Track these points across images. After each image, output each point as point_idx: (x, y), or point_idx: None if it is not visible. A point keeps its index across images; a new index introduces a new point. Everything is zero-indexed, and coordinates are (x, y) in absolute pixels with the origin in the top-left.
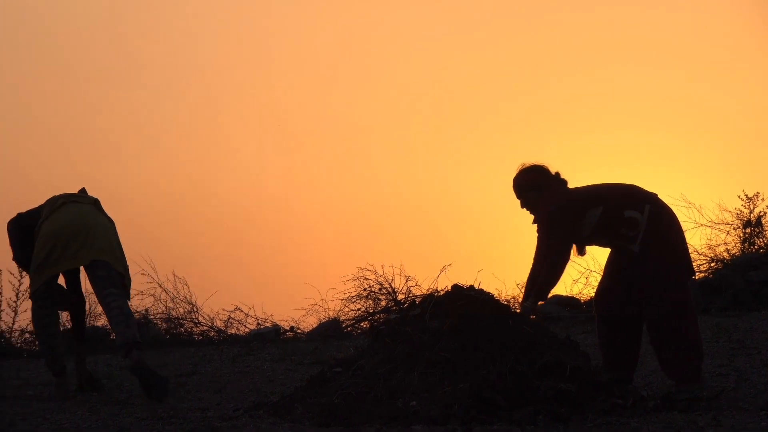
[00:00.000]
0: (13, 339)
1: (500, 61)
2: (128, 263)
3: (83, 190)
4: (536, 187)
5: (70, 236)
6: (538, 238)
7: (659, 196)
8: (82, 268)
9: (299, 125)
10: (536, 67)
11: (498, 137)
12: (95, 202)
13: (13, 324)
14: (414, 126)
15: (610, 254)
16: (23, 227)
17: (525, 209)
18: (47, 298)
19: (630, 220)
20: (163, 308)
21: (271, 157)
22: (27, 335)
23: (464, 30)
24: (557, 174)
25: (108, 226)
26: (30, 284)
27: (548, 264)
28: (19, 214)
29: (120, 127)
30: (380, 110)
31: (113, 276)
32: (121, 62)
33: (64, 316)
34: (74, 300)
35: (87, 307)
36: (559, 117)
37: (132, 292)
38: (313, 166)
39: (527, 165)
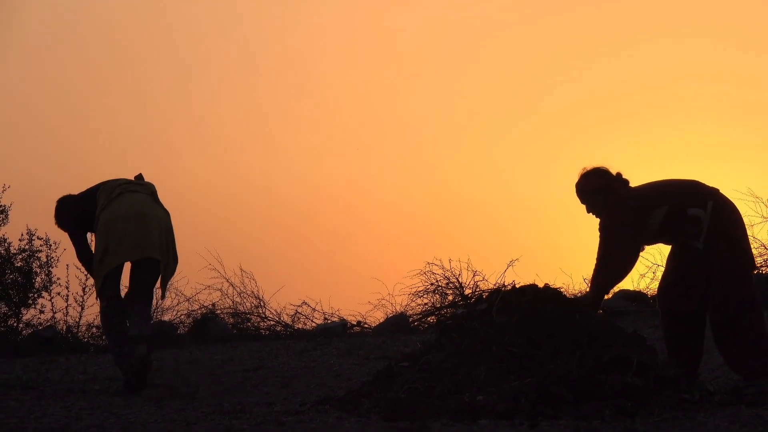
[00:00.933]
0: (79, 334)
1: (551, 49)
2: (182, 258)
3: (140, 177)
4: (599, 190)
5: (128, 227)
6: (605, 239)
7: (720, 191)
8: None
9: (363, 122)
10: (593, 56)
11: (562, 131)
12: (153, 192)
13: (80, 319)
14: (479, 122)
15: (673, 249)
16: (78, 215)
17: (591, 213)
18: (113, 297)
19: (693, 217)
20: (230, 303)
21: (337, 153)
22: (94, 330)
23: (508, 19)
24: (618, 174)
25: (163, 218)
26: (95, 281)
27: (615, 264)
28: (69, 196)
29: (191, 123)
30: (442, 106)
31: (152, 283)
32: (190, 59)
33: None
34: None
35: (154, 302)
36: (620, 109)
37: (193, 287)
38: (379, 162)
39: (588, 169)
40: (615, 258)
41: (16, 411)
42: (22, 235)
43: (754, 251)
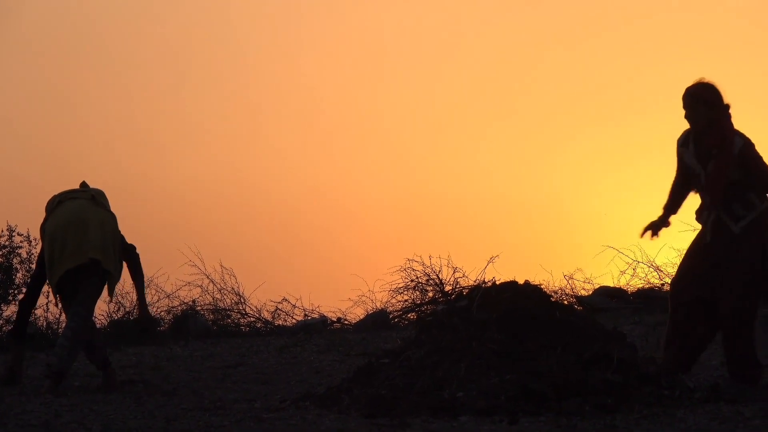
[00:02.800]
0: (59, 330)
1: (532, 47)
2: (163, 254)
3: (84, 184)
4: (713, 106)
5: (66, 235)
6: (727, 163)
7: None
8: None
9: (345, 120)
10: (571, 55)
11: (540, 130)
12: (93, 196)
13: (60, 315)
14: (460, 121)
15: (699, 237)
16: (42, 227)
17: (687, 119)
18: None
19: (749, 201)
20: (211, 299)
21: (319, 150)
22: None
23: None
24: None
25: (105, 220)
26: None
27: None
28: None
29: (174, 120)
30: (425, 106)
31: (93, 290)
32: (167, 61)
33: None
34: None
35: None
36: (598, 107)
37: (174, 284)
38: (361, 159)
39: (708, 81)
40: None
41: (5, 406)
42: (2, 231)
43: None
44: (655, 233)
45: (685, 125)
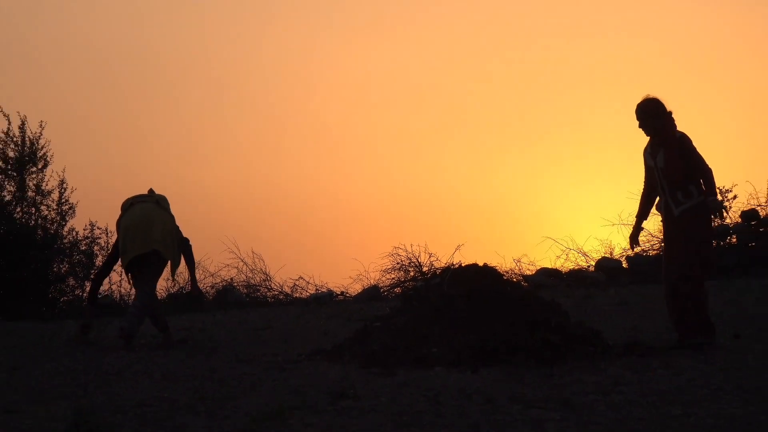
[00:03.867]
0: (129, 301)
1: (496, 52)
2: (207, 244)
3: (151, 190)
4: (658, 116)
5: (135, 231)
6: (675, 156)
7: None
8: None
9: (345, 136)
10: (526, 62)
11: (496, 144)
12: (157, 201)
13: (130, 289)
14: (435, 138)
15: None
16: (117, 224)
17: (641, 129)
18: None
19: (689, 191)
20: (244, 277)
21: (327, 162)
22: None
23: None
24: (671, 112)
25: (166, 220)
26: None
27: (707, 171)
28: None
29: (212, 142)
30: (420, 117)
31: (155, 273)
32: (212, 92)
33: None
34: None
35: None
36: (551, 111)
37: (216, 265)
38: (359, 168)
39: (652, 96)
40: (706, 167)
41: (81, 360)
42: (86, 225)
43: None
44: (635, 242)
45: (642, 135)
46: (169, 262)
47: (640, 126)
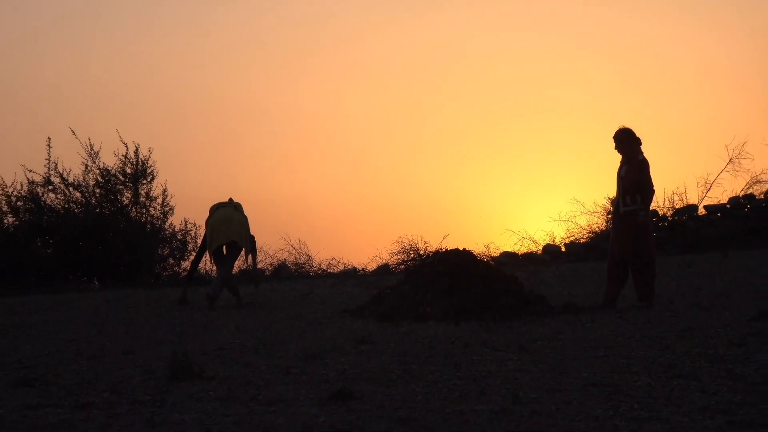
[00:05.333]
0: (213, 276)
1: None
2: (267, 235)
3: (230, 199)
4: (630, 140)
5: (220, 227)
6: (634, 173)
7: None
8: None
9: (368, 147)
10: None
11: (475, 152)
12: (235, 206)
13: (212, 267)
14: (432, 148)
15: (614, 215)
16: (206, 223)
17: (617, 150)
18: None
19: (633, 198)
20: (294, 258)
21: (352, 169)
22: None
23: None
24: (638, 137)
25: (241, 220)
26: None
27: (647, 189)
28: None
29: (270, 154)
30: (434, 126)
31: (232, 256)
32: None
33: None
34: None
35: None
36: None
37: (273, 249)
38: (376, 173)
39: (626, 126)
40: (650, 185)
41: (178, 317)
42: (181, 221)
43: None
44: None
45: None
46: (242, 249)
47: (615, 148)
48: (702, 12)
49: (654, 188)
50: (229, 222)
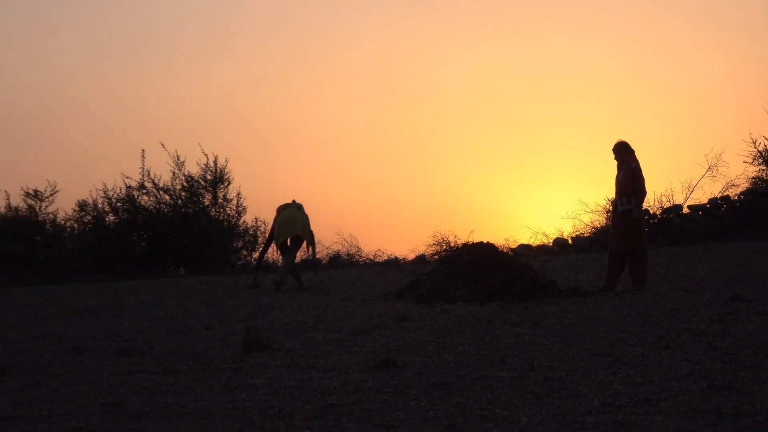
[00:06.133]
0: (278, 263)
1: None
2: (323, 231)
3: (294, 201)
4: (628, 151)
5: (286, 224)
6: (640, 179)
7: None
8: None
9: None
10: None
11: (502, 154)
12: (299, 207)
13: (279, 258)
14: (464, 158)
15: (613, 212)
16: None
17: (615, 158)
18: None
19: (629, 199)
20: (346, 250)
21: (394, 175)
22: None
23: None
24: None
25: (303, 218)
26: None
27: (640, 191)
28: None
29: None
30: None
31: (295, 248)
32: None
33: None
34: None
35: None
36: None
37: (329, 242)
38: (414, 180)
39: (623, 140)
40: (643, 187)
41: (250, 299)
42: (252, 219)
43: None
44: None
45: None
46: (304, 242)
47: (614, 158)
48: (689, 41)
49: (646, 190)
50: (293, 219)
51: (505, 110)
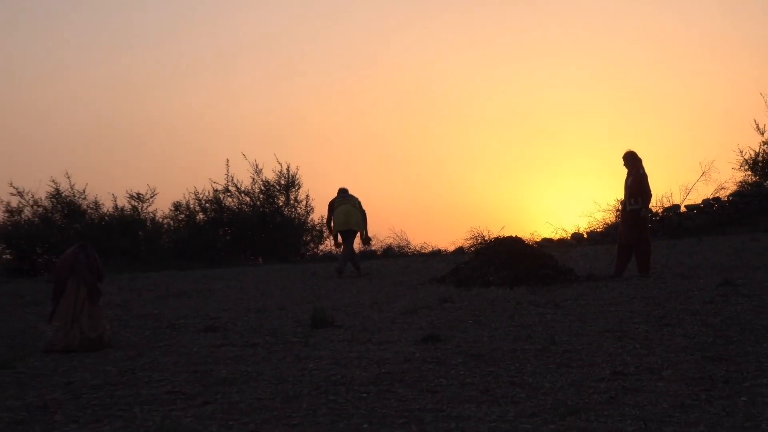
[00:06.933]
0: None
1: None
2: (377, 226)
3: (346, 189)
4: (636, 159)
5: (340, 217)
6: (647, 183)
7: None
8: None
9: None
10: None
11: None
12: (354, 204)
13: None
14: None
15: (622, 211)
16: (330, 206)
17: (624, 165)
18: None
19: (637, 199)
20: (397, 242)
21: (440, 179)
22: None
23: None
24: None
25: (357, 213)
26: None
27: (647, 194)
28: (331, 201)
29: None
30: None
31: (353, 238)
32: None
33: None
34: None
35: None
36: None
37: (383, 236)
38: (454, 182)
39: (632, 150)
40: (647, 191)
41: (316, 283)
42: (320, 217)
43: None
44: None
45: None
46: (358, 233)
47: (624, 165)
48: (689, 65)
49: (651, 193)
50: (348, 215)
51: (530, 125)
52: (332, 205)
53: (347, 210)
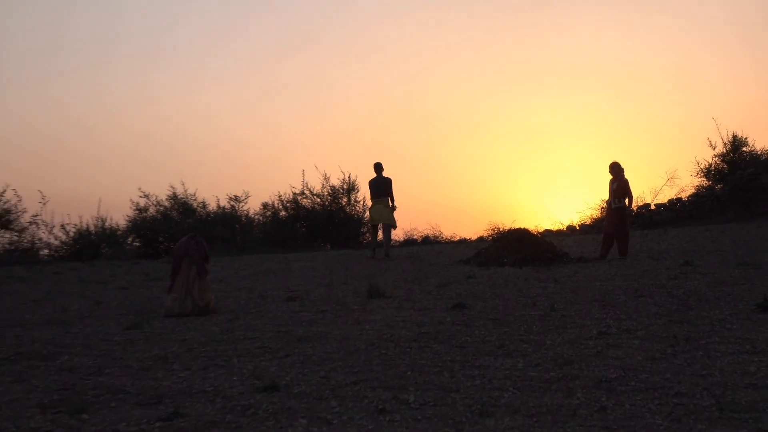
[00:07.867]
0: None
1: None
2: (407, 218)
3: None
4: (620, 170)
5: (374, 214)
6: (622, 187)
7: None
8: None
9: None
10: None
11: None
12: (385, 204)
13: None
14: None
15: (607, 206)
16: (370, 186)
17: (610, 173)
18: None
19: (621, 199)
20: (432, 232)
21: (464, 180)
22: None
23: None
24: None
25: (389, 211)
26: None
27: (631, 196)
28: (370, 181)
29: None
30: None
31: (389, 228)
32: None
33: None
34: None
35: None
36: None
37: (422, 228)
38: (474, 183)
39: (616, 161)
40: (631, 195)
41: (370, 265)
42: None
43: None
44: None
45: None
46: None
47: (609, 172)
48: (657, 92)
49: (633, 195)
50: (381, 213)
51: (535, 141)
52: (371, 186)
53: (380, 210)
